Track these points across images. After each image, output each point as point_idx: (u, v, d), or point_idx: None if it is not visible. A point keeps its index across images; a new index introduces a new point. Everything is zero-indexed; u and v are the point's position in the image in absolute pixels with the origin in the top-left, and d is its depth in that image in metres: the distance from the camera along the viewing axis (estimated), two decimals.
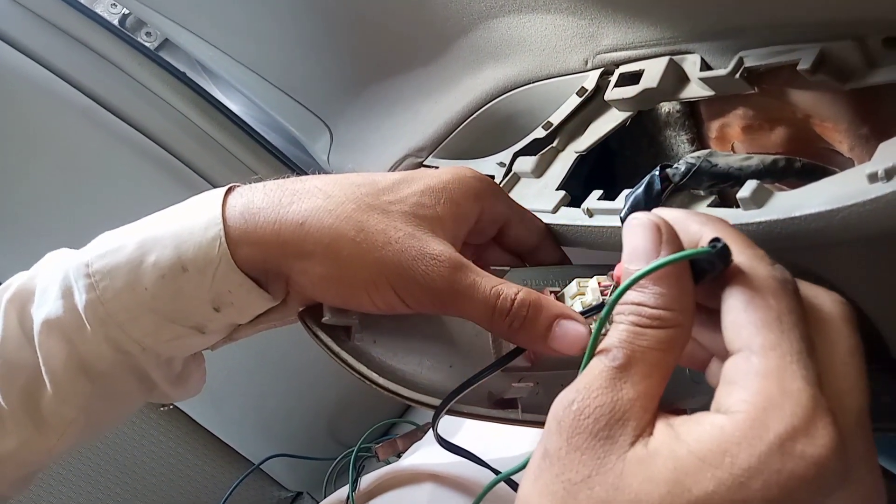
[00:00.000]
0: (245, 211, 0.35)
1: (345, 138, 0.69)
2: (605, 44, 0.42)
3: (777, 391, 0.22)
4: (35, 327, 0.36)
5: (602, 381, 0.24)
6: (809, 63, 0.31)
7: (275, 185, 0.36)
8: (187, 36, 0.70)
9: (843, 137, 0.35)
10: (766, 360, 0.22)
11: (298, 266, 0.34)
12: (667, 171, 0.34)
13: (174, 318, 0.35)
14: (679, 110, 0.44)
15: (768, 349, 0.22)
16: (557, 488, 0.23)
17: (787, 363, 0.22)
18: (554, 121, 0.46)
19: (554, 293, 0.35)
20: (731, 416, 0.22)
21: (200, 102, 0.75)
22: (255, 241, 0.34)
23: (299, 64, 0.66)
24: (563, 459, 0.23)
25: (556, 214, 0.42)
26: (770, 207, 0.30)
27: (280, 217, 0.34)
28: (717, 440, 0.22)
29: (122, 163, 0.70)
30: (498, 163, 0.49)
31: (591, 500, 0.22)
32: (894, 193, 0.26)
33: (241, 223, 0.34)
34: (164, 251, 0.34)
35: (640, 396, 0.24)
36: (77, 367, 0.36)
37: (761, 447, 0.21)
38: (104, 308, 0.35)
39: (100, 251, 0.35)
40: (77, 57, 0.70)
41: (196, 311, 0.35)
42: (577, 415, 0.23)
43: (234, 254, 0.34)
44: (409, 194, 0.36)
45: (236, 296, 0.35)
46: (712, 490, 0.21)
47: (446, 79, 0.56)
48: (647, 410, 0.24)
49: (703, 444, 0.22)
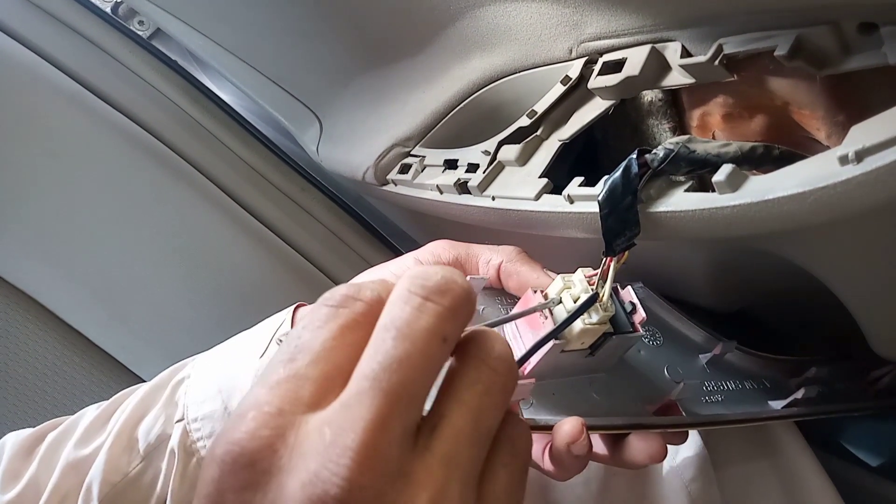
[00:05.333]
0: None
1: (334, 128, 0.69)
2: (588, 32, 0.43)
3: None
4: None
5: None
6: (786, 49, 0.32)
7: None
8: (178, 25, 0.70)
9: (821, 125, 0.35)
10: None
11: None
12: (645, 156, 0.34)
13: None
14: (661, 99, 0.44)
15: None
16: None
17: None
18: (538, 109, 0.46)
19: (538, 292, 0.35)
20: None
21: (191, 91, 0.75)
22: None
23: (289, 54, 0.66)
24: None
25: (538, 202, 0.42)
26: (744, 191, 0.30)
27: None
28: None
29: (110, 150, 0.69)
30: (483, 151, 0.49)
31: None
32: (864, 175, 0.26)
33: None
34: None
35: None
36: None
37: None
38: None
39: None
40: (67, 43, 0.70)
41: None
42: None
43: None
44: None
45: None
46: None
47: (434, 69, 0.56)
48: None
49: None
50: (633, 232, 0.34)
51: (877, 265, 0.34)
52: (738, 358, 0.45)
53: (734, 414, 0.41)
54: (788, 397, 0.43)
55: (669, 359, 0.41)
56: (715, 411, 0.40)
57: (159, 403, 0.41)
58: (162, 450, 0.40)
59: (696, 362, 0.43)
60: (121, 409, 0.42)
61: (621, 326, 0.34)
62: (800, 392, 0.42)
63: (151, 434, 0.40)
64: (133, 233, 0.71)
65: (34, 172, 0.69)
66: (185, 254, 0.72)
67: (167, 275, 0.72)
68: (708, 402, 0.41)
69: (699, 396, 0.41)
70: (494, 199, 0.45)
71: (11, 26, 0.69)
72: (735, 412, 0.41)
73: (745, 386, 0.43)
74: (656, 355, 0.41)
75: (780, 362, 0.46)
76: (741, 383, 0.43)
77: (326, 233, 0.77)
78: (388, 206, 0.67)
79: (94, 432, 0.42)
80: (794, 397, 0.42)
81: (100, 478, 0.39)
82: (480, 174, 0.47)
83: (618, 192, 0.34)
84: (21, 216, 0.69)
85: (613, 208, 0.34)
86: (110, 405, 0.43)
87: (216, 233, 0.72)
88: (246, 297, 0.72)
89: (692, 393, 0.40)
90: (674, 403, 0.38)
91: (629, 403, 0.37)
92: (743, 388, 0.43)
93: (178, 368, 0.43)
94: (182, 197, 0.71)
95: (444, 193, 0.50)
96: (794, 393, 0.43)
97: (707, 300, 0.48)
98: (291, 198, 0.77)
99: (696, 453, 0.48)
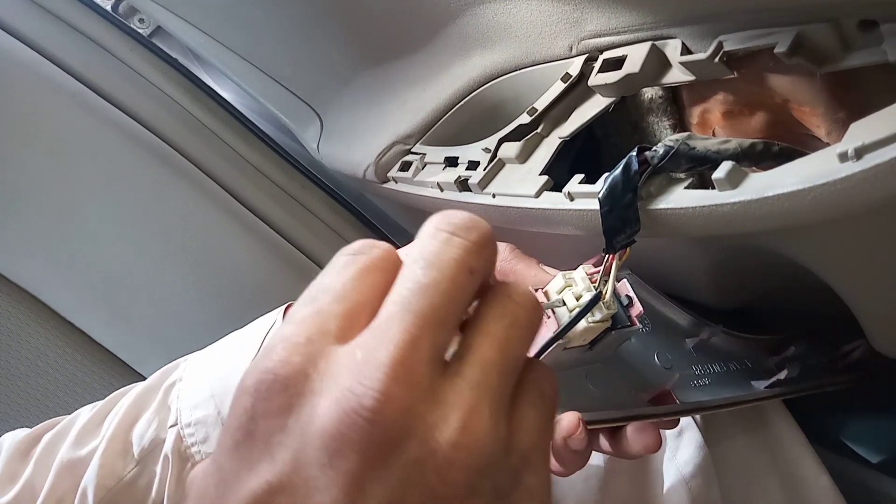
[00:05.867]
0: None
1: (335, 126, 0.69)
2: (589, 29, 0.43)
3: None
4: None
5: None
6: (786, 46, 0.32)
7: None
8: (178, 22, 0.70)
9: (821, 122, 0.35)
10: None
11: None
12: (645, 153, 0.34)
13: None
14: (661, 96, 0.44)
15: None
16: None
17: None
18: (538, 106, 0.46)
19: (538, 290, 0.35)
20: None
21: (192, 89, 0.75)
22: None
23: (290, 52, 0.66)
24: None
25: (538, 199, 0.42)
26: (744, 188, 0.30)
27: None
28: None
29: (111, 148, 0.69)
30: (483, 149, 0.49)
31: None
32: (864, 172, 0.26)
33: None
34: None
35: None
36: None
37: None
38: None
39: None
40: (68, 41, 0.70)
41: None
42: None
43: None
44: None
45: None
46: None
47: (434, 66, 0.56)
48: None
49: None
50: (633, 229, 0.34)
51: (877, 262, 0.34)
52: (721, 340, 0.46)
53: (724, 398, 0.42)
54: (770, 376, 0.44)
55: (658, 344, 0.42)
56: (704, 395, 0.41)
57: (152, 407, 0.41)
58: (156, 454, 0.40)
59: (683, 347, 0.44)
60: (114, 410, 0.42)
61: (620, 321, 0.34)
62: (783, 373, 0.43)
63: (145, 438, 0.40)
64: (134, 231, 0.71)
65: (35, 171, 0.69)
66: (187, 252, 0.72)
67: (169, 273, 0.72)
68: (697, 387, 0.42)
69: (689, 381, 0.42)
70: (495, 196, 0.45)
71: (12, 24, 0.69)
72: (724, 396, 0.42)
73: (730, 368, 0.44)
74: (646, 342, 0.41)
75: (760, 342, 0.47)
76: (725, 365, 0.44)
77: (327, 230, 0.77)
78: (388, 203, 0.67)
79: (89, 434, 0.42)
80: (777, 377, 0.44)
81: (95, 482, 0.39)
82: (481, 171, 0.47)
83: (618, 190, 0.34)
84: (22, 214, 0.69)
85: (614, 205, 0.34)
86: (105, 406, 0.43)
87: (217, 230, 0.73)
88: (247, 294, 0.72)
89: (683, 379, 0.41)
90: (668, 391, 0.39)
91: (625, 393, 0.38)
92: (728, 370, 0.44)
93: (170, 370, 0.43)
94: (183, 195, 0.72)
95: (444, 191, 0.50)
96: (775, 372, 0.44)
97: (706, 297, 0.48)
98: (292, 195, 0.77)
99: (697, 450, 0.48)
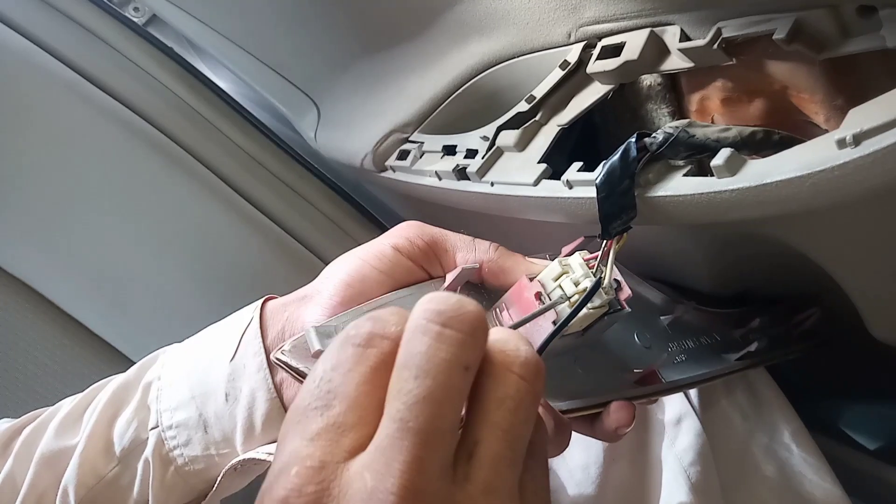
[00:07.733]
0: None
1: (332, 115, 0.69)
2: (587, 16, 0.42)
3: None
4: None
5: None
6: (785, 32, 0.31)
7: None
8: (173, 11, 0.69)
9: (819, 109, 0.35)
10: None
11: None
12: (644, 140, 0.34)
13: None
14: (660, 83, 0.44)
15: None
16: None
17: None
18: (537, 94, 0.46)
19: (530, 278, 0.35)
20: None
21: (188, 78, 0.75)
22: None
23: (286, 40, 0.66)
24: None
25: (537, 187, 0.42)
26: (743, 175, 0.30)
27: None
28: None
29: (107, 138, 0.69)
30: (481, 137, 0.49)
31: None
32: (862, 159, 0.26)
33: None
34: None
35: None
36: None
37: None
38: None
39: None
40: (62, 30, 0.70)
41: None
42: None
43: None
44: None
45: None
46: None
47: (432, 54, 0.56)
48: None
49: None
50: (629, 215, 0.34)
51: (875, 249, 0.34)
52: (692, 316, 0.46)
53: (702, 374, 0.43)
54: (738, 349, 0.45)
55: (637, 323, 0.42)
56: (683, 371, 0.42)
57: (132, 405, 0.40)
58: (137, 454, 0.39)
59: (658, 324, 0.44)
60: (92, 405, 0.41)
61: (612, 306, 0.34)
62: (753, 345, 0.45)
63: (125, 438, 0.39)
64: (131, 221, 0.71)
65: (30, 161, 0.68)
66: (184, 242, 0.72)
67: (166, 263, 0.72)
68: (676, 364, 0.42)
69: (670, 359, 0.42)
70: (493, 184, 0.45)
71: (5, 13, 0.68)
72: (701, 371, 0.43)
73: (701, 342, 0.45)
74: (626, 322, 0.41)
75: (725, 315, 0.48)
76: (697, 340, 0.45)
77: (324, 220, 0.77)
78: (386, 192, 0.67)
79: (69, 427, 0.41)
80: (747, 350, 0.45)
81: (76, 480, 0.39)
82: (479, 160, 0.47)
83: (616, 175, 0.34)
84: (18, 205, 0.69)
85: (611, 191, 0.34)
86: (84, 399, 0.42)
87: (214, 221, 0.72)
88: (245, 284, 0.72)
89: (668, 356, 0.42)
90: (654, 370, 0.39)
91: (612, 374, 0.38)
92: (700, 345, 0.45)
93: (148, 364, 0.42)
94: (179, 185, 0.71)
95: (442, 179, 0.50)
96: (742, 344, 0.45)
97: (704, 285, 0.49)
98: (289, 185, 0.76)
99: (695, 438, 0.49)
